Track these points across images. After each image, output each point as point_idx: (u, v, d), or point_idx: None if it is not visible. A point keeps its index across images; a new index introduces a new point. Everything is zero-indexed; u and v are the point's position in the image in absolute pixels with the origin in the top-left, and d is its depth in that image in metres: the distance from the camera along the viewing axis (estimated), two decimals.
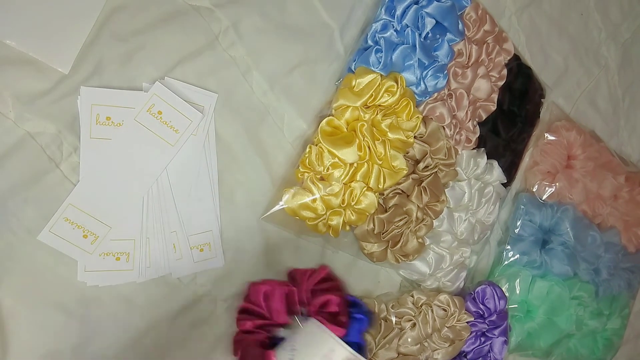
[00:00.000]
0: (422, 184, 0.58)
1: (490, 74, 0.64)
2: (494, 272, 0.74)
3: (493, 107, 0.66)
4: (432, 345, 0.61)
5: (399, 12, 0.54)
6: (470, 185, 0.64)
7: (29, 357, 0.44)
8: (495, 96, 0.65)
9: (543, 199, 0.74)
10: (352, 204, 0.53)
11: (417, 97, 0.57)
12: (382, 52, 0.54)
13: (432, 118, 0.59)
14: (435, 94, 0.59)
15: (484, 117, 0.65)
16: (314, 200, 0.52)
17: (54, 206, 0.44)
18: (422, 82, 0.56)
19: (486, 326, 0.65)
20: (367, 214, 0.55)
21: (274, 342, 0.48)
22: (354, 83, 0.53)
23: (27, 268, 0.44)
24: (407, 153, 0.57)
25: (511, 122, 0.69)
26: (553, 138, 0.75)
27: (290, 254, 0.57)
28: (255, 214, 0.53)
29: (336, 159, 0.52)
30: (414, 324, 0.60)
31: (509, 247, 0.73)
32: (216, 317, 0.53)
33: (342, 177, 0.52)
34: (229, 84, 0.51)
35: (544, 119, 0.75)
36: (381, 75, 0.53)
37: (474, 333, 0.65)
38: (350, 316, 0.50)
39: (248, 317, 0.48)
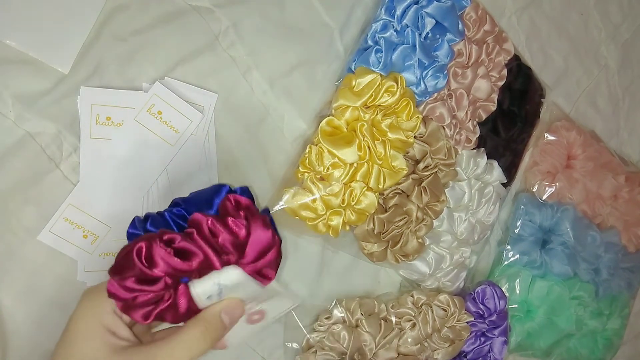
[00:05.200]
0: (422, 184, 0.58)
1: (490, 74, 0.64)
2: (494, 272, 0.74)
3: (493, 107, 0.66)
4: (432, 345, 0.61)
5: (398, 12, 0.54)
6: (470, 185, 0.64)
7: (28, 356, 0.44)
8: (495, 96, 0.65)
9: (543, 199, 0.74)
10: (352, 204, 0.53)
11: (417, 97, 0.57)
12: (382, 52, 0.54)
13: (432, 118, 0.59)
14: (435, 94, 0.59)
15: (484, 117, 0.65)
16: (314, 200, 0.52)
17: (54, 206, 0.44)
18: (422, 82, 0.56)
19: (486, 326, 0.65)
20: (367, 214, 0.55)
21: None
22: (354, 83, 0.53)
23: (27, 268, 0.44)
24: (407, 153, 0.57)
25: (511, 122, 0.69)
26: (553, 138, 0.75)
27: (290, 253, 0.57)
28: None
29: (336, 159, 0.52)
30: (414, 324, 0.60)
31: (509, 247, 0.73)
32: None
33: (342, 177, 0.52)
34: (229, 84, 0.51)
35: (543, 119, 0.75)
36: (381, 75, 0.53)
37: (474, 333, 0.65)
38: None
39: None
